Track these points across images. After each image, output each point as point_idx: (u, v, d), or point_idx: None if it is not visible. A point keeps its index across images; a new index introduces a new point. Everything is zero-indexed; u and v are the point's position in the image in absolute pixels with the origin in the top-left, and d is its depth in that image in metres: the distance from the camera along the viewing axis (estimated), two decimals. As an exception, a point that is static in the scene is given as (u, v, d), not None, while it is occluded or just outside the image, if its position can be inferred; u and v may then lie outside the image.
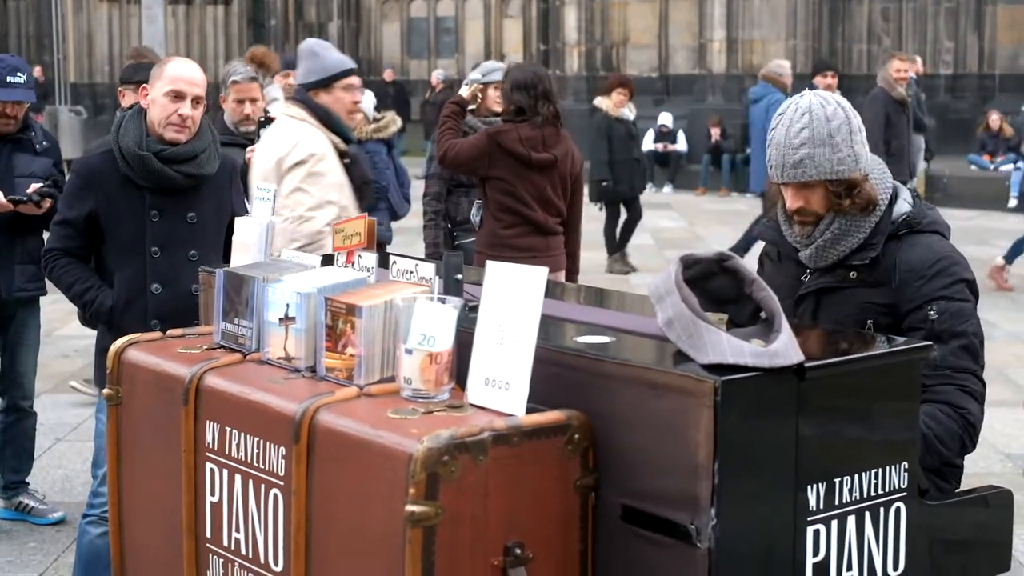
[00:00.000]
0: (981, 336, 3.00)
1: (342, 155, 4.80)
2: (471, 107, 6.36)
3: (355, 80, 4.89)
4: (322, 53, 4.86)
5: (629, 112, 12.12)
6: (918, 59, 14.93)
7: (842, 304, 3.02)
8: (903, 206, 3.06)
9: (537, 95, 5.69)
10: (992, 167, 18.11)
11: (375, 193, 8.07)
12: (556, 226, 5.82)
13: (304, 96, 4.82)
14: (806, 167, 2.94)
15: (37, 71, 21.02)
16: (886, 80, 10.66)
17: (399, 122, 8.05)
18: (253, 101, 5.83)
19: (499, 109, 6.30)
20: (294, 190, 4.63)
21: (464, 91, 6.28)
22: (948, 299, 2.95)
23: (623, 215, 12.31)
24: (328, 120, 4.78)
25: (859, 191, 2.96)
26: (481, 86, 6.35)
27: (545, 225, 5.78)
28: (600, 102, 12.15)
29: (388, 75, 24.38)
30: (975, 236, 14.26)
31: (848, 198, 2.96)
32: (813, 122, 2.94)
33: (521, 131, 5.73)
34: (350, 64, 4.92)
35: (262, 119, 5.40)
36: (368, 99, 8.23)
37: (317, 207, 4.61)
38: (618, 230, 12.27)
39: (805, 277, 3.10)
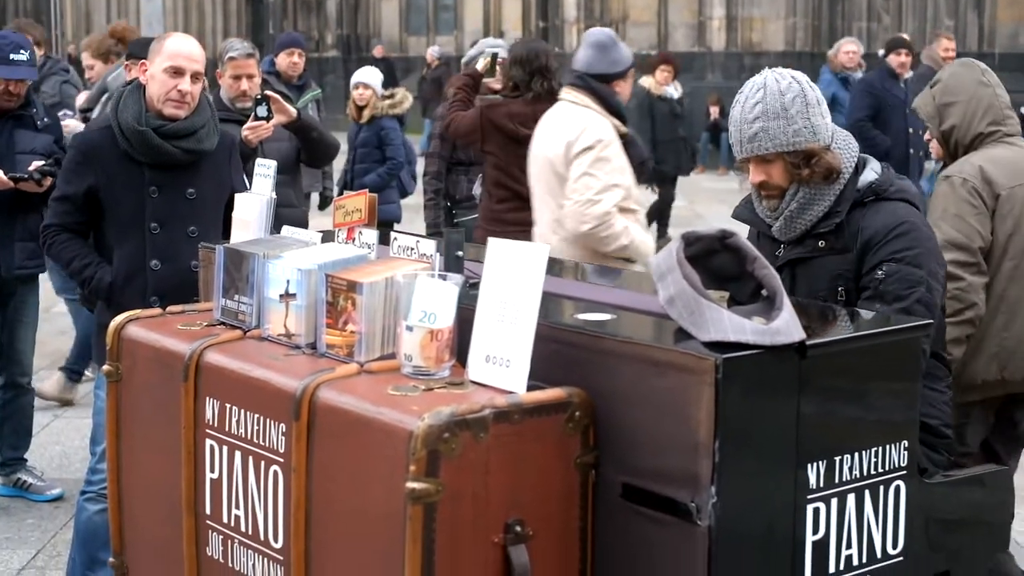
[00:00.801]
0: (928, 302, 2.96)
1: (621, 137, 4.97)
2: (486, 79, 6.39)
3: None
4: (615, 45, 5.09)
5: (674, 90, 11.93)
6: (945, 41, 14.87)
7: (814, 274, 3.04)
8: (870, 175, 3.09)
9: (532, 71, 5.72)
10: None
11: (391, 170, 8.09)
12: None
13: (588, 82, 4.97)
14: (761, 140, 2.99)
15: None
16: (932, 59, 10.56)
17: (410, 98, 8.09)
18: (250, 77, 5.80)
19: (497, 87, 6.34)
20: (583, 175, 4.79)
21: (480, 64, 6.27)
22: (899, 261, 2.97)
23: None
24: (610, 105, 4.96)
25: (817, 160, 3.00)
26: (500, 58, 6.33)
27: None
28: (644, 81, 11.87)
29: (378, 51, 24.27)
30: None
31: (807, 168, 3.00)
32: (767, 96, 2.99)
33: (512, 107, 5.80)
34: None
35: (258, 96, 5.39)
36: (375, 76, 8.20)
37: (604, 190, 4.78)
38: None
39: (779, 252, 3.12)
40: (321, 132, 5.80)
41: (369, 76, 8.13)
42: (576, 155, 4.84)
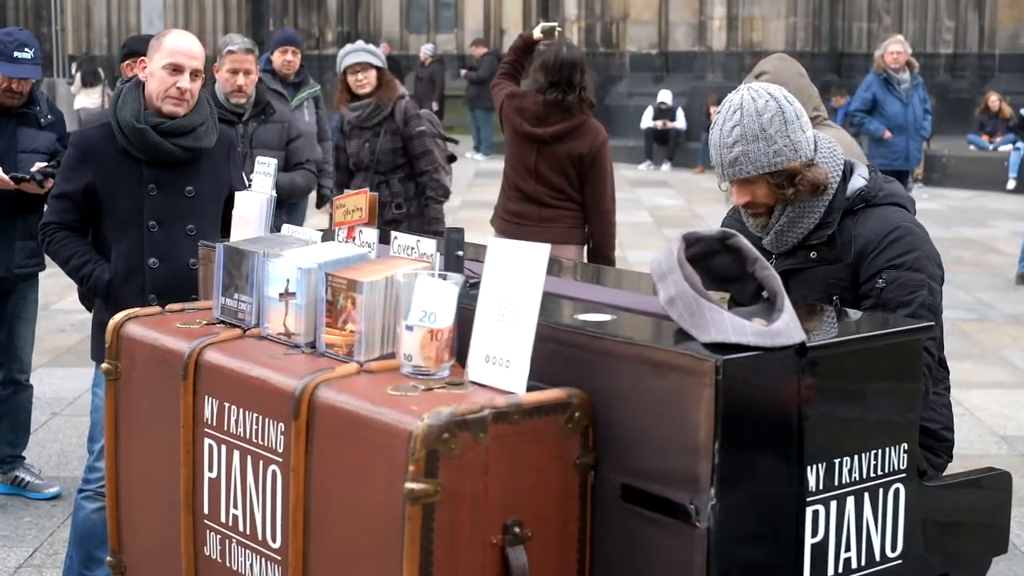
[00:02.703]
0: (931, 305, 2.96)
1: None
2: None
3: None
4: None
5: None
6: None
7: (808, 284, 3.02)
8: (858, 181, 3.06)
9: (552, 81, 5.73)
10: (991, 147, 18.09)
11: None
12: (554, 201, 5.86)
13: None
14: (742, 164, 2.94)
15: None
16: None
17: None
18: (247, 73, 5.78)
19: (362, 93, 6.41)
20: None
21: (536, 31, 6.20)
22: (898, 268, 2.94)
23: None
24: None
25: (801, 178, 2.95)
26: (558, 29, 6.31)
27: (535, 196, 5.86)
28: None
29: (384, 49, 24.26)
30: (973, 217, 14.27)
31: (791, 187, 2.96)
32: (744, 118, 2.93)
33: (526, 101, 5.84)
34: None
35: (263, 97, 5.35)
36: None
37: None
38: None
39: (771, 262, 3.10)
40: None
41: None
42: None
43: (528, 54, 6.17)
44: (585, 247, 5.92)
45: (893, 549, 2.47)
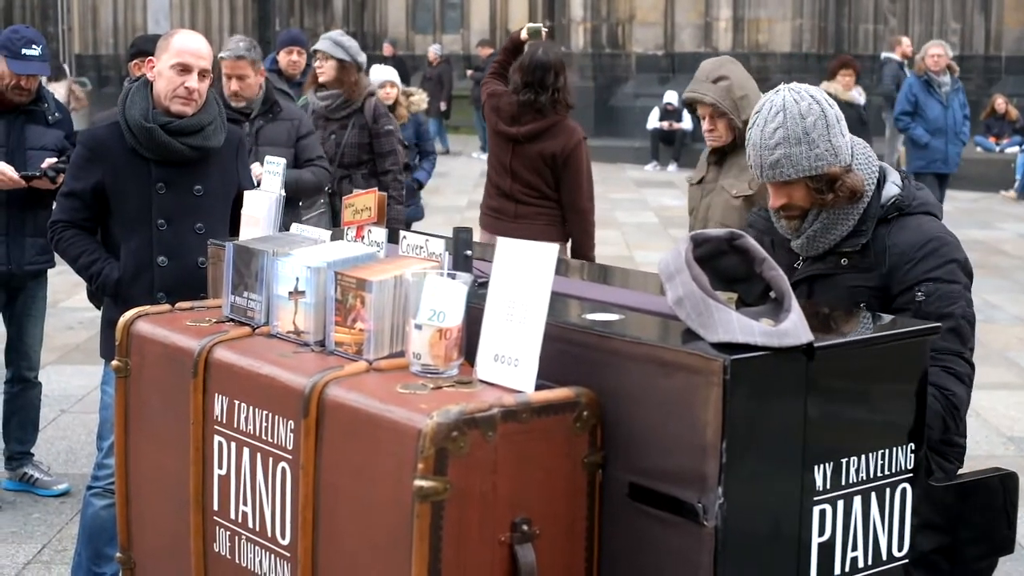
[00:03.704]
0: (970, 317, 2.98)
1: None
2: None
3: None
4: None
5: (859, 95, 11.58)
6: (905, 40, 14.89)
7: (833, 289, 3.01)
8: (892, 189, 3.05)
9: (527, 82, 5.83)
10: (998, 149, 18.07)
11: (433, 165, 8.06)
12: (529, 199, 5.94)
13: None
14: (783, 167, 2.94)
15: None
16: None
17: (425, 95, 8.18)
18: (241, 78, 5.76)
19: (321, 81, 6.49)
20: None
21: (524, 32, 6.28)
22: (936, 280, 2.95)
23: None
24: None
25: (840, 184, 2.95)
26: (544, 28, 6.37)
27: (511, 193, 5.96)
28: (827, 86, 11.41)
29: (387, 50, 24.28)
30: (979, 219, 14.26)
31: (831, 192, 2.95)
32: (787, 120, 2.92)
33: (502, 101, 5.98)
34: None
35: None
36: (387, 73, 8.10)
37: None
38: None
39: (798, 264, 3.10)
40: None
41: (393, 74, 8.00)
42: None
43: (517, 54, 6.22)
44: (567, 245, 5.97)
45: (899, 548, 2.48)
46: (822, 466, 2.33)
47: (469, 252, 2.66)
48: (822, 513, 2.34)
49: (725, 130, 4.34)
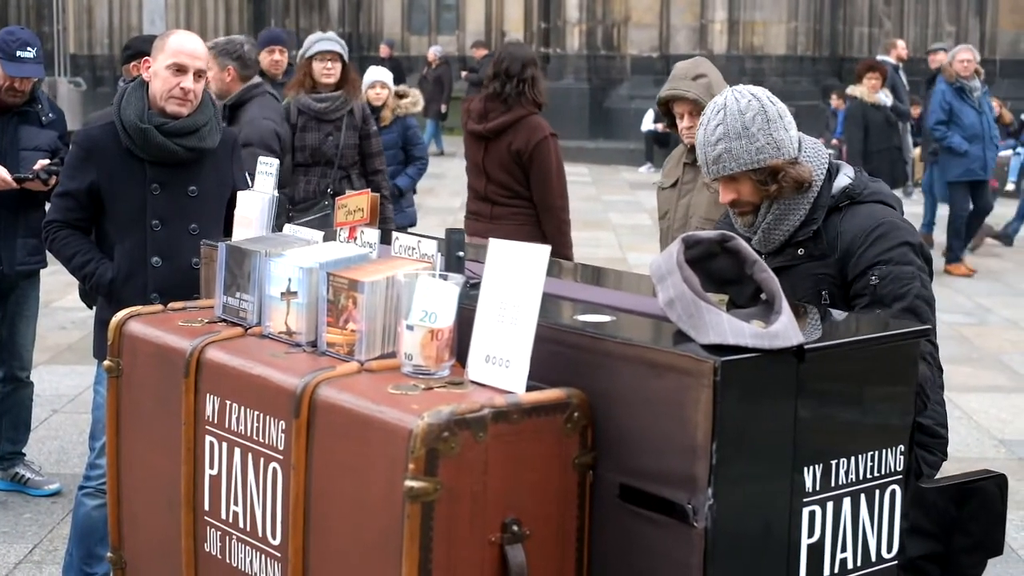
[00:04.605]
0: (927, 297, 3.01)
1: None
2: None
3: None
4: None
5: (885, 97, 11.59)
6: (900, 43, 14.86)
7: (797, 281, 3.06)
8: (843, 179, 3.11)
9: (496, 72, 5.89)
10: (991, 152, 18.06)
11: (422, 170, 8.04)
12: (503, 199, 5.96)
13: None
14: (725, 161, 3.01)
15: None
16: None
17: (421, 97, 8.19)
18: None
19: (326, 82, 6.52)
20: None
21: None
22: (888, 263, 2.99)
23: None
24: None
25: (784, 175, 3.01)
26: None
27: (486, 195, 5.98)
28: (853, 90, 11.53)
29: (384, 51, 24.27)
30: (973, 221, 14.23)
31: (775, 183, 3.02)
32: (727, 117, 3.00)
33: (473, 103, 6.06)
34: None
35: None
36: (389, 75, 8.07)
37: None
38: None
39: None
40: None
41: (385, 75, 7.95)
42: None
43: None
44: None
45: (889, 550, 2.49)
46: (812, 467, 2.33)
47: (461, 253, 2.66)
48: (812, 514, 2.34)
49: None
